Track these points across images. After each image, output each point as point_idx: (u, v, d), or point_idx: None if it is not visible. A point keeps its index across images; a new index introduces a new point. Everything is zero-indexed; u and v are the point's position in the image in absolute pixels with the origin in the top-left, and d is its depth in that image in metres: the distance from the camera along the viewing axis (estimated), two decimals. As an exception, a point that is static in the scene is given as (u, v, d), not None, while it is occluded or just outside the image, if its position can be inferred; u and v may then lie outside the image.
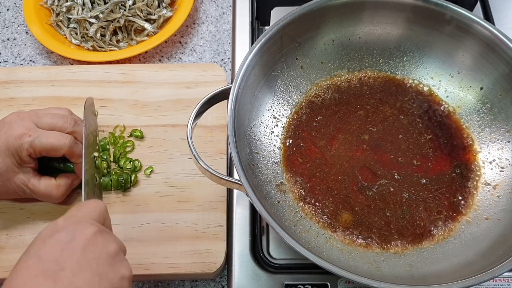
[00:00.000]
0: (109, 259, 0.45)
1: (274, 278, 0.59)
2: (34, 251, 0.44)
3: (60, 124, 0.60)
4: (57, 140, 0.58)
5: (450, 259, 0.55)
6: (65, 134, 0.60)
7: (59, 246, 0.44)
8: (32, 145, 0.57)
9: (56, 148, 0.59)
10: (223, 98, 0.58)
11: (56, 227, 0.46)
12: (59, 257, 0.43)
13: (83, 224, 0.46)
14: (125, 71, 0.74)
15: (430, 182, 0.61)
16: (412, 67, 0.68)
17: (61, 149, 0.59)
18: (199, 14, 0.85)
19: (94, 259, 0.44)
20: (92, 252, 0.44)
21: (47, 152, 0.59)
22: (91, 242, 0.45)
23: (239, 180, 0.51)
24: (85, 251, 0.44)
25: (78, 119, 0.63)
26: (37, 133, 0.58)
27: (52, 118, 0.60)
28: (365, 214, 0.59)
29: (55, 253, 0.43)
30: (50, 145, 0.58)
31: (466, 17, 0.61)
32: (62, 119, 0.61)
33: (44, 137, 0.58)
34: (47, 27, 0.80)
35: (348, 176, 0.62)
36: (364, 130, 0.65)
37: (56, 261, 0.43)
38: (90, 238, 0.45)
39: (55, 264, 0.43)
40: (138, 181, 0.66)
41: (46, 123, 0.60)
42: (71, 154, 0.60)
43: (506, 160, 0.62)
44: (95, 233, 0.45)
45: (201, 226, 0.62)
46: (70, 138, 0.59)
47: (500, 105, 0.63)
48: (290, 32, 0.63)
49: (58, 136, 0.59)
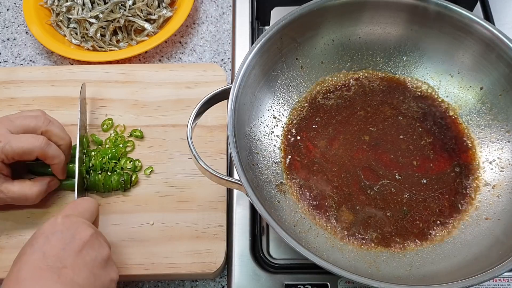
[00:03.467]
0: (102, 262, 0.50)
1: (274, 278, 0.59)
2: (39, 246, 0.48)
3: (33, 125, 0.59)
4: (28, 143, 0.57)
5: (450, 259, 0.55)
6: (37, 136, 0.58)
7: (60, 244, 0.48)
8: (3, 151, 0.56)
9: (27, 151, 0.57)
10: (223, 98, 0.58)
11: (56, 225, 0.50)
12: (60, 255, 0.47)
13: (80, 226, 0.51)
14: (125, 71, 0.74)
15: (431, 182, 0.61)
16: (412, 67, 0.68)
17: (33, 152, 0.57)
18: (199, 14, 0.85)
19: (91, 261, 0.49)
20: (88, 255, 0.49)
21: (19, 156, 0.57)
22: (88, 244, 0.49)
23: (239, 180, 0.51)
24: (82, 253, 0.49)
25: (53, 119, 0.61)
26: (7, 139, 0.56)
27: (24, 120, 0.59)
28: (366, 214, 0.59)
29: (58, 251, 0.48)
30: (21, 149, 0.57)
31: (466, 17, 0.61)
32: (35, 119, 0.59)
33: (14, 142, 0.56)
34: (47, 27, 0.80)
35: (351, 174, 0.62)
36: (365, 130, 0.65)
37: (58, 258, 0.47)
38: (87, 241, 0.49)
39: (58, 261, 0.47)
40: (138, 181, 0.66)
41: (19, 126, 0.58)
42: (44, 156, 0.59)
43: (506, 160, 0.62)
44: (91, 236, 0.50)
45: (201, 226, 0.62)
46: (42, 140, 0.58)
47: (500, 105, 0.63)
48: (290, 32, 0.63)
49: (30, 139, 0.57)
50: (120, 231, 0.62)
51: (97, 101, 0.71)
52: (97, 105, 0.71)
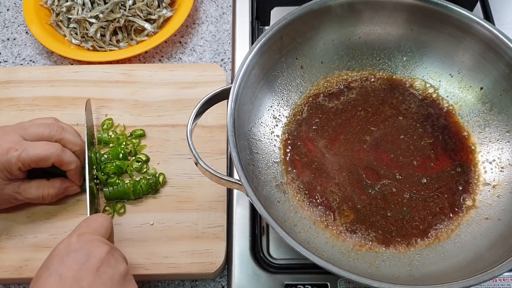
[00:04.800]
0: (120, 279, 0.49)
1: (274, 278, 0.59)
2: (55, 269, 0.47)
3: (47, 133, 0.59)
4: (44, 150, 0.57)
5: (450, 259, 0.55)
6: (52, 143, 0.59)
7: (76, 265, 0.47)
8: (20, 158, 0.56)
9: (44, 158, 0.58)
10: (223, 98, 0.58)
11: (70, 244, 0.49)
12: (77, 276, 0.46)
13: (95, 243, 0.49)
14: (125, 71, 0.74)
15: (431, 181, 0.61)
16: (412, 67, 0.68)
17: (49, 159, 0.58)
18: (199, 14, 0.85)
19: (108, 279, 0.48)
20: (105, 273, 0.48)
21: (36, 163, 0.58)
22: (104, 262, 0.48)
23: (239, 180, 0.51)
24: (99, 271, 0.47)
25: (66, 126, 0.62)
26: (23, 146, 0.57)
27: (38, 128, 0.59)
28: (367, 214, 0.59)
29: (74, 272, 0.47)
30: (37, 156, 0.57)
31: (466, 17, 0.61)
32: (49, 127, 0.60)
33: (30, 149, 0.57)
34: (47, 27, 0.80)
35: (353, 173, 0.62)
36: (365, 130, 0.65)
37: (76, 280, 0.46)
38: (104, 258, 0.48)
39: (75, 283, 0.46)
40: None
41: (33, 134, 0.59)
42: (60, 162, 0.59)
43: (506, 160, 0.62)
44: (107, 253, 0.49)
45: (201, 226, 0.62)
46: (57, 147, 0.59)
47: (500, 105, 0.63)
48: (290, 32, 0.63)
49: (45, 146, 0.58)
50: (120, 231, 0.62)
51: (97, 101, 0.71)
52: (97, 105, 0.71)
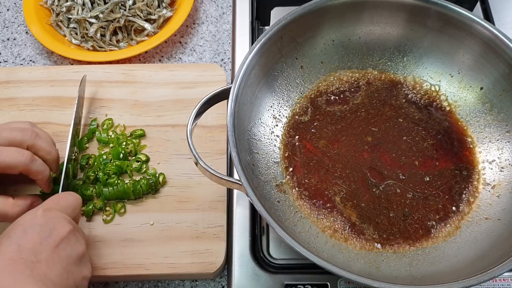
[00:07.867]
0: (77, 259, 0.50)
1: (274, 278, 0.59)
2: (16, 239, 0.48)
3: (19, 138, 0.56)
4: (12, 158, 0.54)
5: (450, 259, 0.55)
6: (22, 151, 0.55)
7: (37, 238, 0.48)
8: None
9: (11, 166, 0.54)
10: (223, 98, 0.58)
11: (35, 217, 0.50)
12: (37, 249, 0.48)
13: (60, 221, 0.51)
14: (125, 71, 0.74)
15: (433, 178, 0.61)
16: (412, 67, 0.68)
17: (16, 167, 0.55)
18: (199, 14, 0.85)
19: (66, 256, 0.49)
20: (64, 250, 0.49)
21: (2, 170, 0.54)
22: (65, 240, 0.49)
23: (239, 180, 0.51)
24: (59, 248, 0.49)
25: (41, 132, 0.59)
26: None
27: (11, 132, 0.56)
28: (369, 213, 0.59)
29: (34, 245, 0.48)
30: (4, 164, 0.54)
31: (466, 17, 0.61)
32: (22, 132, 0.56)
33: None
34: (47, 27, 0.80)
35: (357, 172, 0.62)
36: (366, 130, 0.65)
37: (34, 252, 0.47)
38: (65, 237, 0.50)
39: (33, 255, 0.47)
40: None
41: (5, 138, 0.55)
42: (28, 172, 0.56)
43: (506, 160, 0.62)
44: (69, 232, 0.50)
45: (201, 226, 0.62)
46: (26, 155, 0.55)
47: (500, 105, 0.63)
48: (290, 32, 0.63)
49: (14, 154, 0.55)
50: (120, 231, 0.62)
51: (97, 101, 0.71)
52: (97, 105, 0.71)
